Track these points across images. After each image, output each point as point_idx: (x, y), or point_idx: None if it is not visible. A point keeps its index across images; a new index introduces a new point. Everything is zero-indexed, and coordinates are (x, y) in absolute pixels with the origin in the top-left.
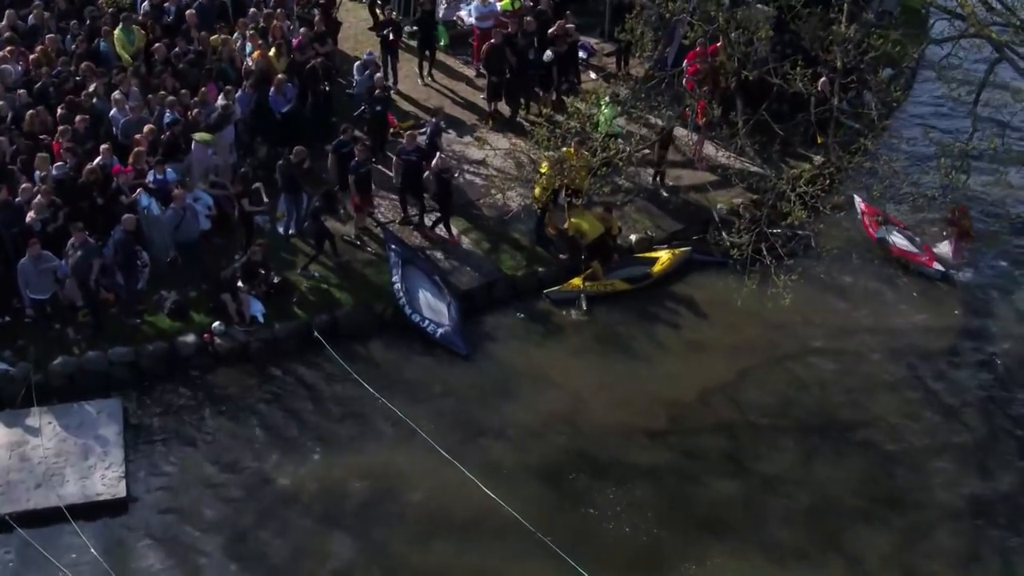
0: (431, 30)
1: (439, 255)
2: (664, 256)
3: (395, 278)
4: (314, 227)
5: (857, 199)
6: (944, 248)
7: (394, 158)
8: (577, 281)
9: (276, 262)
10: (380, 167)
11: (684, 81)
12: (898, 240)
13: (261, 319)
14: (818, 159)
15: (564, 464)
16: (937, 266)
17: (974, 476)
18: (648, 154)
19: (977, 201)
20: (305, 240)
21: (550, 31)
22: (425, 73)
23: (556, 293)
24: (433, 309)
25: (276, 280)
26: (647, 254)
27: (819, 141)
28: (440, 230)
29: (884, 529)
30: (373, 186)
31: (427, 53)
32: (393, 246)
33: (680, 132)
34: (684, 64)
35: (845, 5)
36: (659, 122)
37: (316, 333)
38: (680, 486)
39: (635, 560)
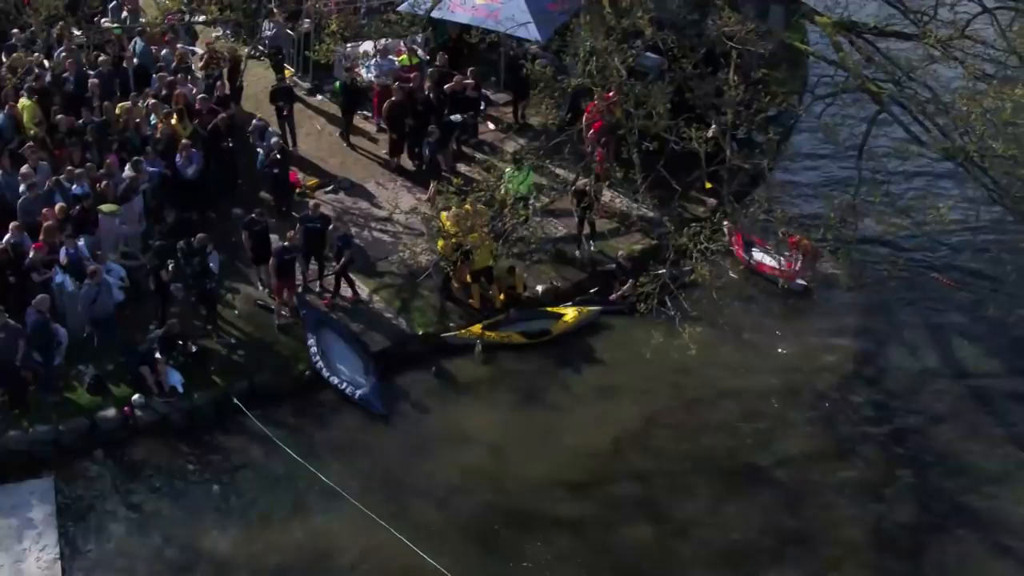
0: (356, 94)
1: (351, 316)
2: (570, 314)
3: (311, 341)
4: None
5: (726, 225)
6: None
7: (296, 225)
8: (477, 328)
9: (192, 330)
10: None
11: (588, 134)
12: (765, 259)
13: (181, 389)
14: (712, 202)
15: (489, 519)
16: (800, 281)
17: (874, 510)
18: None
19: (866, 245)
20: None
21: (447, 86)
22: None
23: (454, 338)
24: (350, 370)
25: (194, 349)
26: (555, 308)
27: (708, 187)
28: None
29: (794, 567)
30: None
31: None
32: (305, 311)
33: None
34: (584, 119)
35: (732, 62)
36: (564, 174)
37: (235, 400)
38: (601, 534)
39: None
